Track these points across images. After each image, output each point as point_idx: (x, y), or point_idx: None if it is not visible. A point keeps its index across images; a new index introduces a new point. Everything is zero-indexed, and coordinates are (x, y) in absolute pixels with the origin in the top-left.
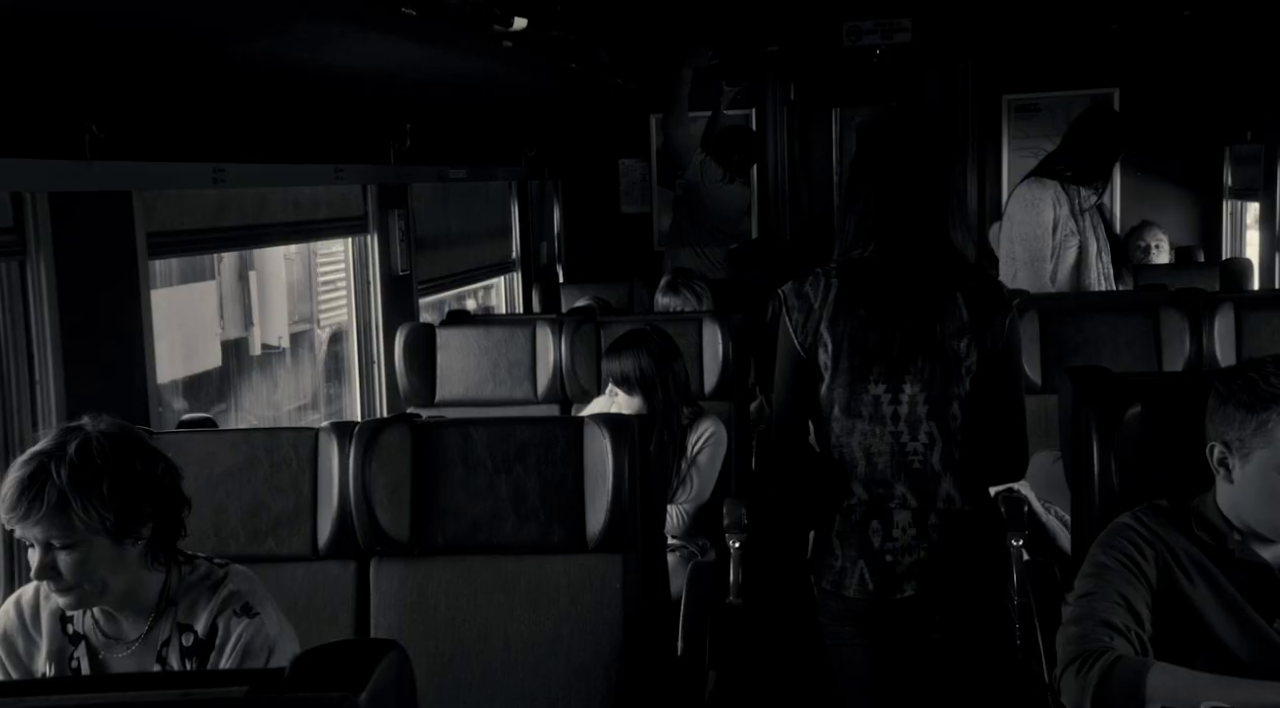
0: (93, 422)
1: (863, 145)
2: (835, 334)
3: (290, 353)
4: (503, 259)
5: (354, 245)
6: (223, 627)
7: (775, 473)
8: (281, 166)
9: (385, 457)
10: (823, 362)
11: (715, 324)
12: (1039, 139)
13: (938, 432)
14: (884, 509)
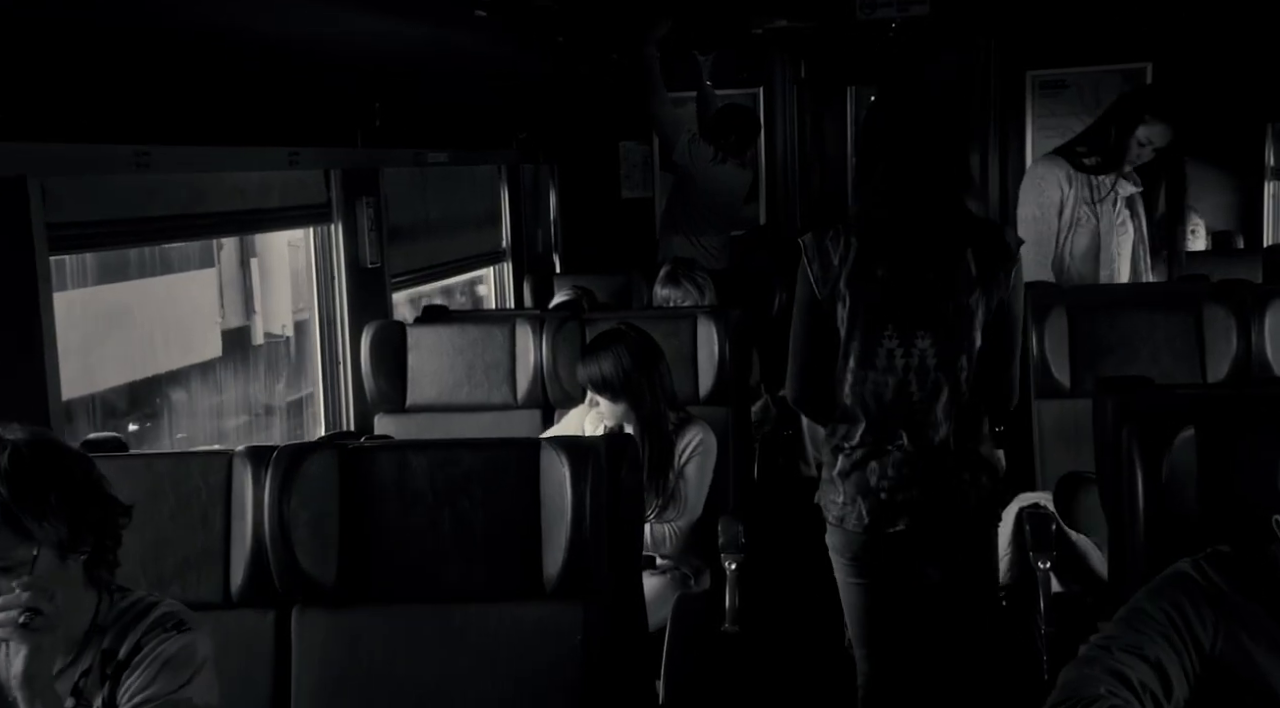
0: (4, 430)
1: (875, 113)
2: (854, 291)
3: (295, 342)
4: (492, 249)
5: (316, 236)
6: (148, 645)
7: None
8: (223, 150)
9: (308, 487)
10: (840, 316)
11: (711, 321)
12: (1065, 118)
13: (945, 381)
14: (882, 451)
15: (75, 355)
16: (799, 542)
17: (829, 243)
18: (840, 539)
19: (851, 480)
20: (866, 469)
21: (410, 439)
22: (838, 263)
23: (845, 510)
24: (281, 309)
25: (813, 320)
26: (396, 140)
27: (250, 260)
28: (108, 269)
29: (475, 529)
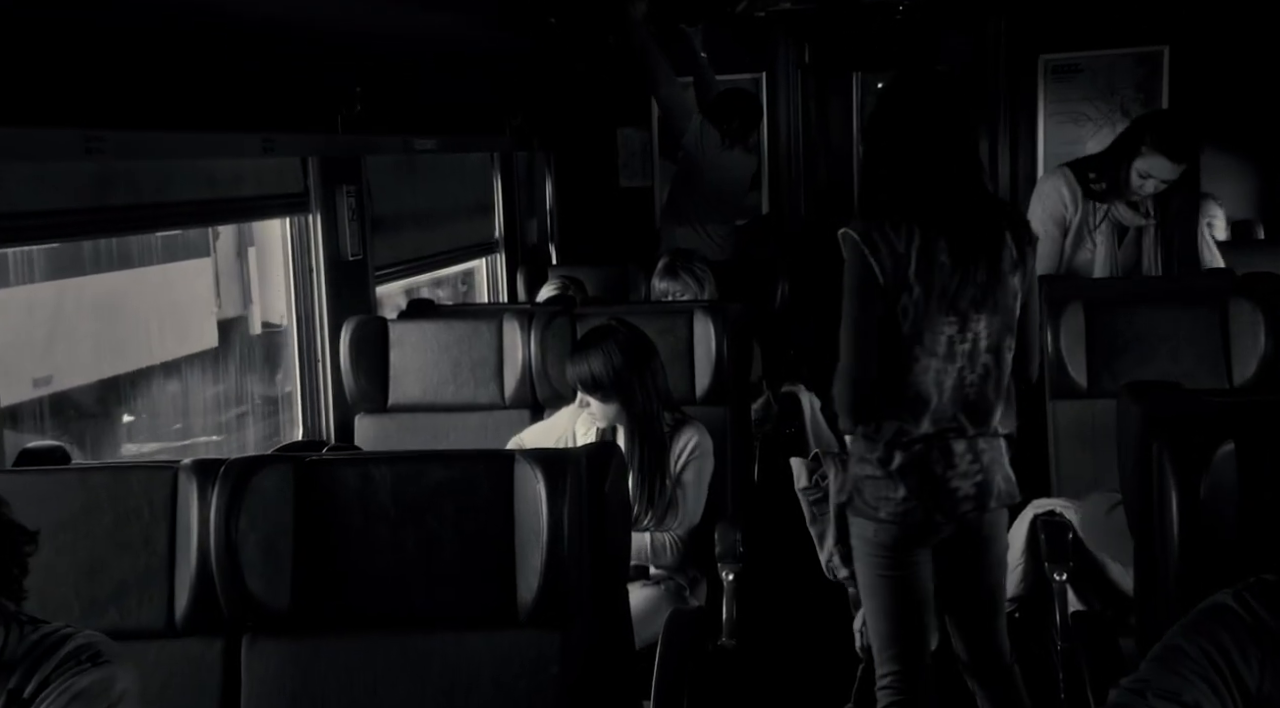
0: None
1: (895, 98)
2: (923, 280)
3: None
4: (484, 240)
5: (293, 227)
6: (56, 680)
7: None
8: (189, 136)
9: (260, 504)
10: (904, 305)
11: (708, 316)
12: (1079, 103)
13: (993, 364)
14: (944, 440)
15: (67, 344)
16: (801, 548)
17: (890, 232)
18: (893, 534)
19: (913, 473)
20: (930, 460)
21: (373, 451)
22: (904, 251)
23: (907, 504)
24: (280, 299)
25: (875, 313)
26: (380, 126)
27: (248, 249)
28: (108, 257)
29: (443, 550)
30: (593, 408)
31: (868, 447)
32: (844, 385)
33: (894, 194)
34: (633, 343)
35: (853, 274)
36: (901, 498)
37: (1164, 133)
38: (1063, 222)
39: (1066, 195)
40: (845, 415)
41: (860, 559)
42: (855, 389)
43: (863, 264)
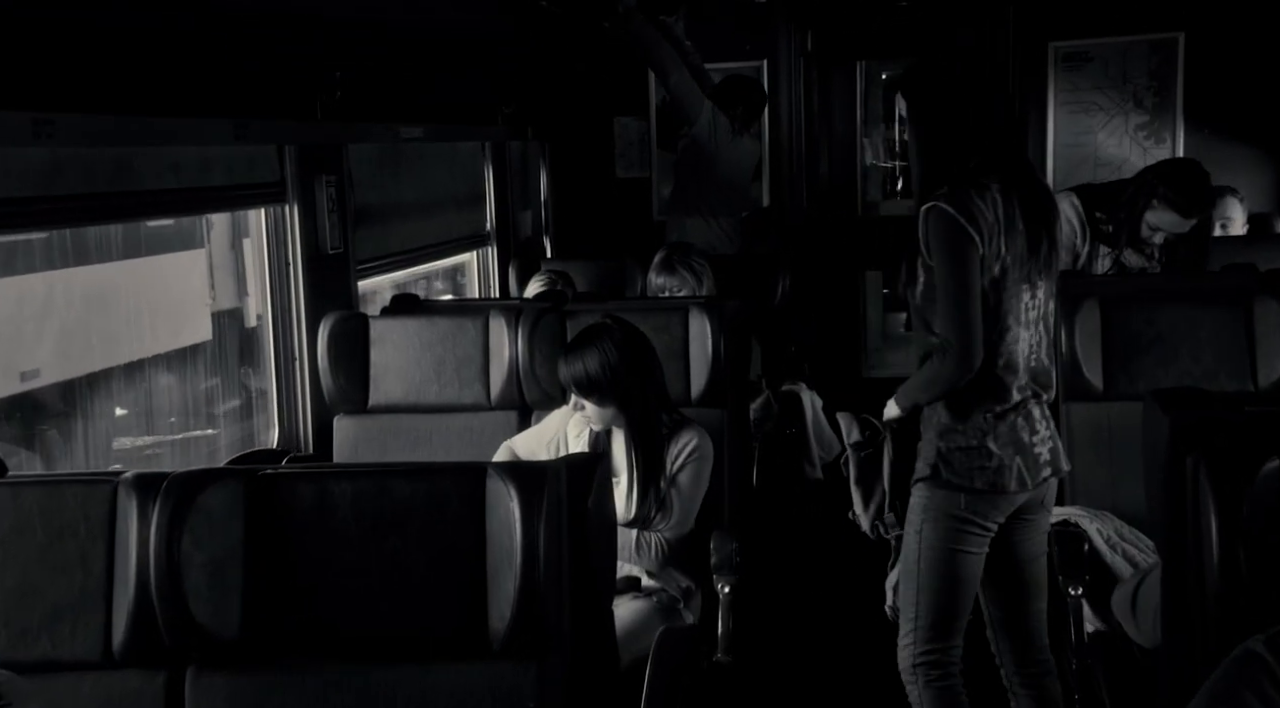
0: None
1: (943, 78)
2: (1012, 246)
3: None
4: (474, 232)
5: (268, 219)
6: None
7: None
8: (150, 121)
9: (206, 523)
10: (995, 273)
11: (704, 314)
12: (1089, 92)
13: (1045, 329)
14: (1025, 406)
15: (55, 339)
16: (802, 557)
17: (979, 202)
18: (988, 504)
19: (1007, 441)
20: (1017, 426)
21: (333, 463)
22: (993, 219)
23: (1002, 474)
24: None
25: (976, 284)
26: (363, 113)
27: (242, 241)
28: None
29: (409, 573)
30: (587, 411)
31: (956, 418)
32: (955, 363)
33: (970, 163)
34: (629, 341)
35: (951, 248)
36: (995, 468)
37: (1177, 187)
38: (1071, 250)
39: (1076, 225)
40: (943, 390)
41: (935, 534)
42: (968, 364)
43: (962, 235)
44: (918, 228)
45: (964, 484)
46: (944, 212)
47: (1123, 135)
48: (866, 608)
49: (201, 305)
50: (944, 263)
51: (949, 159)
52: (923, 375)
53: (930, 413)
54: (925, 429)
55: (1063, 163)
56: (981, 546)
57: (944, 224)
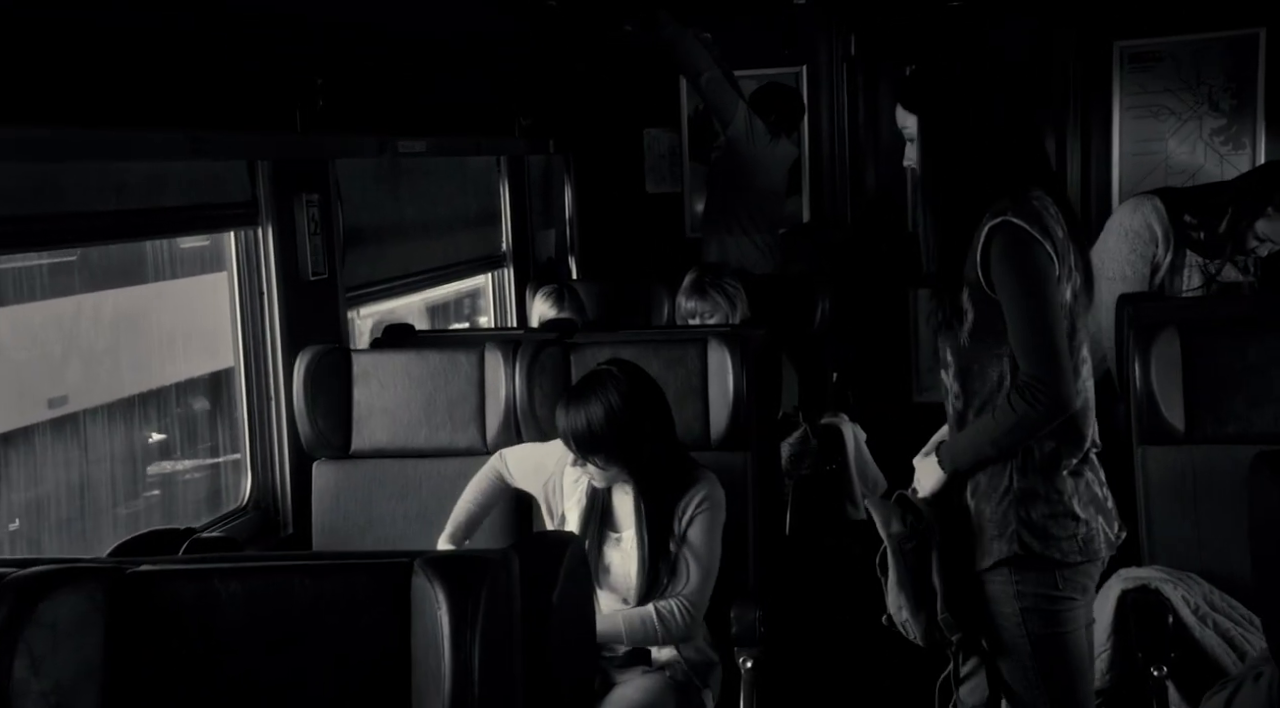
0: None
1: (954, 91)
2: (1081, 266)
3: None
4: (488, 253)
5: (238, 243)
6: None
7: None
8: (93, 132)
9: (49, 639)
10: (1067, 296)
11: (725, 347)
12: (1159, 95)
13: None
14: (1089, 455)
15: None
16: (840, 618)
17: (1045, 216)
18: (1087, 575)
19: (1088, 499)
20: (1090, 480)
21: (220, 558)
22: (1062, 236)
23: (1093, 540)
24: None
25: (1062, 305)
26: (352, 124)
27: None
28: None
29: (312, 697)
30: (589, 470)
31: (1036, 478)
32: (1047, 403)
33: (1011, 173)
34: (636, 391)
35: (1029, 268)
36: (1086, 535)
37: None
38: (1151, 262)
39: (1159, 233)
40: (1024, 439)
41: (1041, 622)
42: (1062, 402)
43: (1040, 253)
44: (957, 252)
45: (1057, 558)
46: (1017, 228)
47: (1196, 141)
48: (913, 683)
49: (225, 331)
50: (1022, 285)
51: (985, 172)
52: (994, 424)
53: (993, 478)
54: (985, 498)
55: (1130, 172)
56: (1089, 615)
57: (1012, 242)
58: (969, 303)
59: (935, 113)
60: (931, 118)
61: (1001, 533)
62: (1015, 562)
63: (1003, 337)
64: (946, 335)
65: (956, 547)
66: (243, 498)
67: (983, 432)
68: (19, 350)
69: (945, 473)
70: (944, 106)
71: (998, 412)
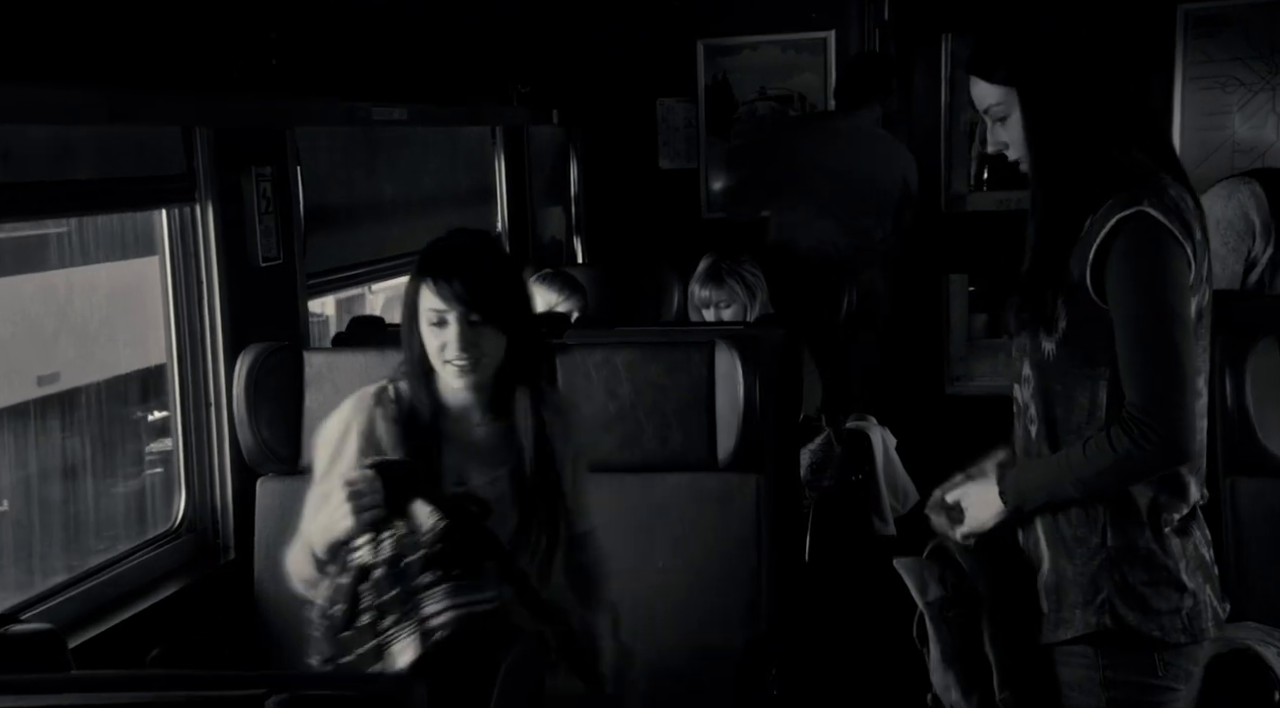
0: None
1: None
2: (1210, 278)
3: (335, 320)
4: None
5: (171, 223)
6: None
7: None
8: None
9: None
10: (1197, 309)
11: (734, 351)
12: (1227, 64)
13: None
14: (1196, 509)
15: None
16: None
17: (1186, 208)
18: (1183, 660)
19: (1196, 564)
20: (1195, 538)
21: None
22: (1199, 234)
23: (1200, 616)
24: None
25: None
26: (315, 87)
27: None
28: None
29: None
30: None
31: (1137, 532)
32: (1159, 446)
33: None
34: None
35: (1162, 274)
36: (1192, 608)
37: None
38: (1247, 258)
39: (1257, 224)
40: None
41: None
42: (1179, 448)
43: (1179, 257)
44: (1063, 246)
45: (1158, 636)
46: (1154, 222)
47: (1268, 114)
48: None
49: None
50: (1151, 294)
51: (1102, 151)
52: (1083, 460)
53: (1079, 528)
54: (1067, 553)
55: (1192, 149)
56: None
57: (1154, 239)
58: (1063, 308)
59: (1044, 81)
60: (1039, 88)
61: (1089, 600)
62: (1104, 638)
63: (1099, 356)
64: (1029, 345)
65: (1013, 607)
66: (175, 519)
67: (1066, 466)
68: None
69: (1006, 509)
70: (1056, 73)
71: (1090, 445)
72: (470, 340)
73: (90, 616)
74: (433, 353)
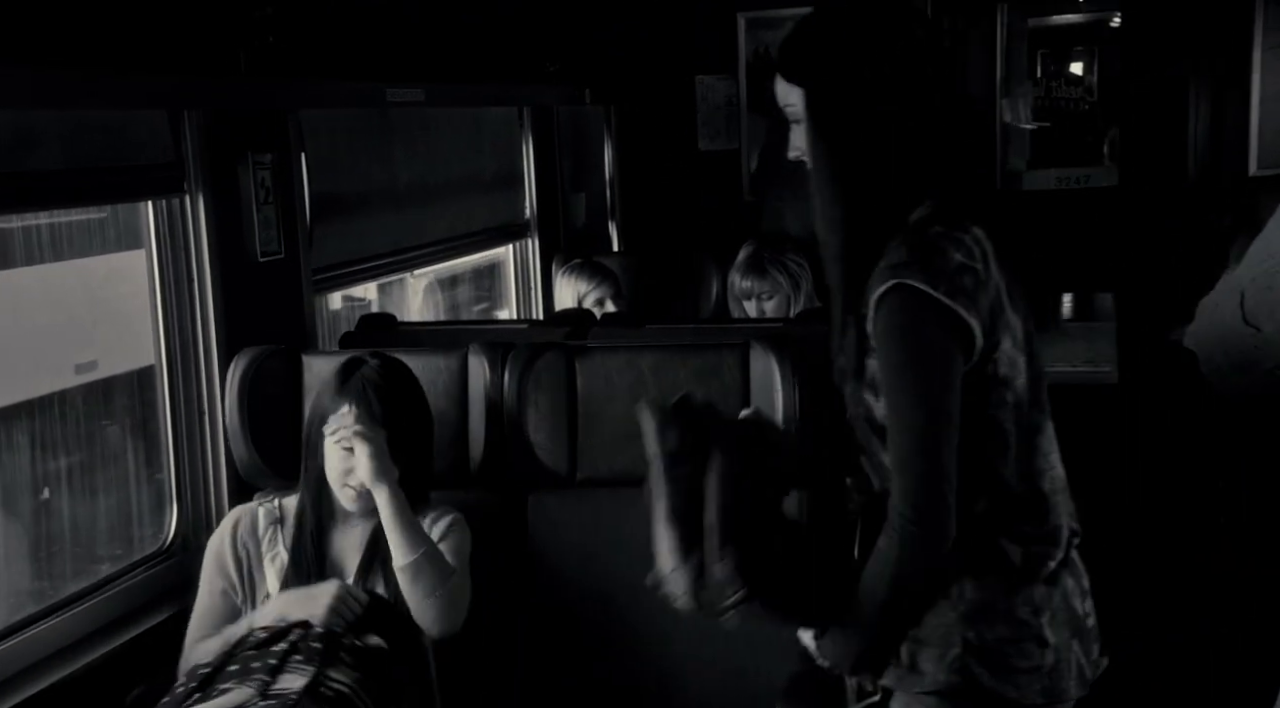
0: None
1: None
2: (1020, 315)
3: (378, 306)
4: (507, 222)
5: (158, 217)
6: None
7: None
8: None
9: None
10: (1007, 358)
11: (771, 354)
12: None
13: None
14: (1071, 554)
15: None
16: None
17: (959, 254)
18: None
19: (1063, 618)
20: (1065, 587)
21: None
22: (985, 279)
23: (1062, 669)
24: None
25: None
26: (320, 66)
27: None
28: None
29: None
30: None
31: (995, 585)
32: (917, 537)
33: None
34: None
35: (924, 351)
36: (1053, 665)
37: None
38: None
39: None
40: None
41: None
42: (936, 533)
43: (947, 330)
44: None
45: (1013, 697)
46: (918, 294)
47: None
48: None
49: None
50: (908, 373)
51: (900, 188)
52: (873, 575)
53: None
54: (926, 603)
55: (1271, 125)
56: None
57: (917, 312)
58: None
59: (829, 85)
60: (824, 92)
61: (943, 655)
62: (952, 696)
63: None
64: (849, 398)
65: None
66: (165, 538)
67: (866, 590)
68: None
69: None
70: (845, 75)
71: (874, 557)
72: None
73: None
74: (334, 473)
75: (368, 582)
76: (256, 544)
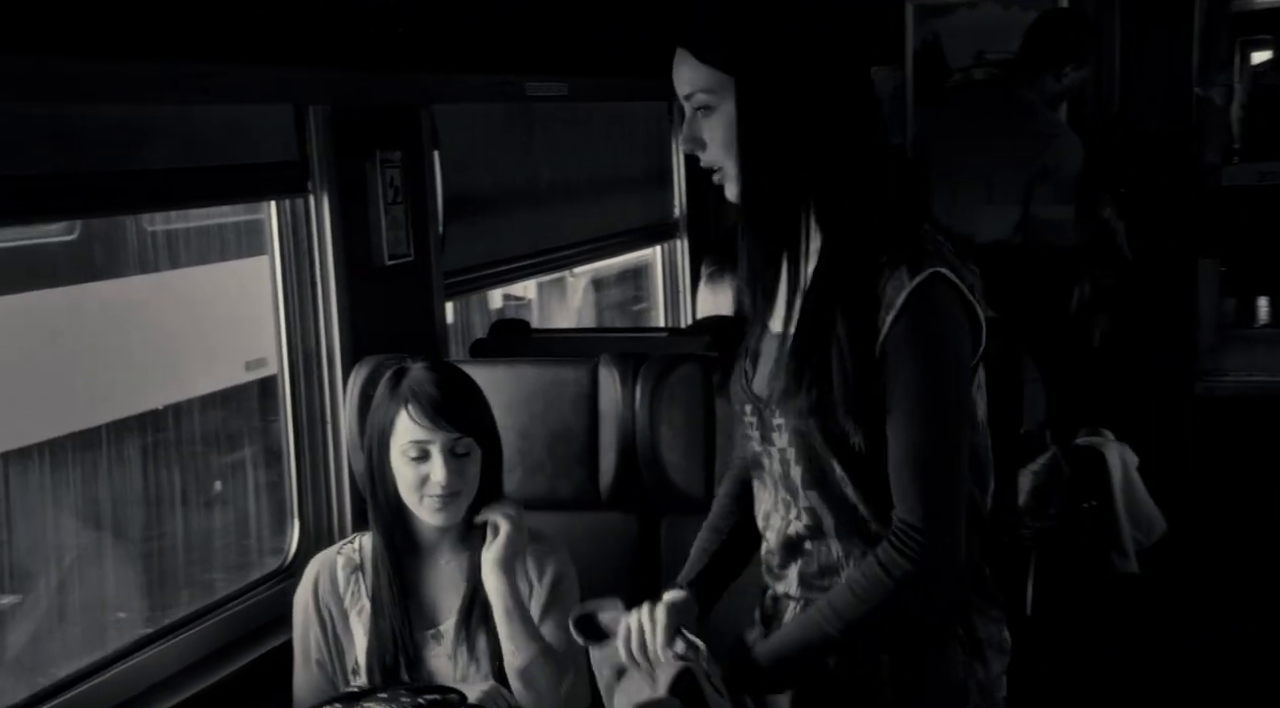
0: None
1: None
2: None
3: (539, 305)
4: (656, 221)
5: (280, 218)
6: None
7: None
8: (25, 62)
9: None
10: (980, 375)
11: None
12: None
13: None
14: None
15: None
16: None
17: (965, 274)
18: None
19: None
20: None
21: None
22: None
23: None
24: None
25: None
26: (454, 58)
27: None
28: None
29: None
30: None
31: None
32: (921, 555)
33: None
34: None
35: (954, 348)
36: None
37: None
38: None
39: None
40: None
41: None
42: (947, 555)
43: (966, 330)
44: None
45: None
46: (947, 284)
47: None
48: None
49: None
50: (939, 378)
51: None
52: (856, 600)
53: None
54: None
55: None
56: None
57: (949, 306)
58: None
59: (766, 72)
60: (759, 80)
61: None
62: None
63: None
64: (793, 422)
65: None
66: (286, 555)
67: (830, 615)
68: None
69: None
70: (794, 70)
71: (858, 581)
72: (455, 471)
73: (180, 676)
74: (408, 488)
75: (470, 631)
76: (339, 602)
